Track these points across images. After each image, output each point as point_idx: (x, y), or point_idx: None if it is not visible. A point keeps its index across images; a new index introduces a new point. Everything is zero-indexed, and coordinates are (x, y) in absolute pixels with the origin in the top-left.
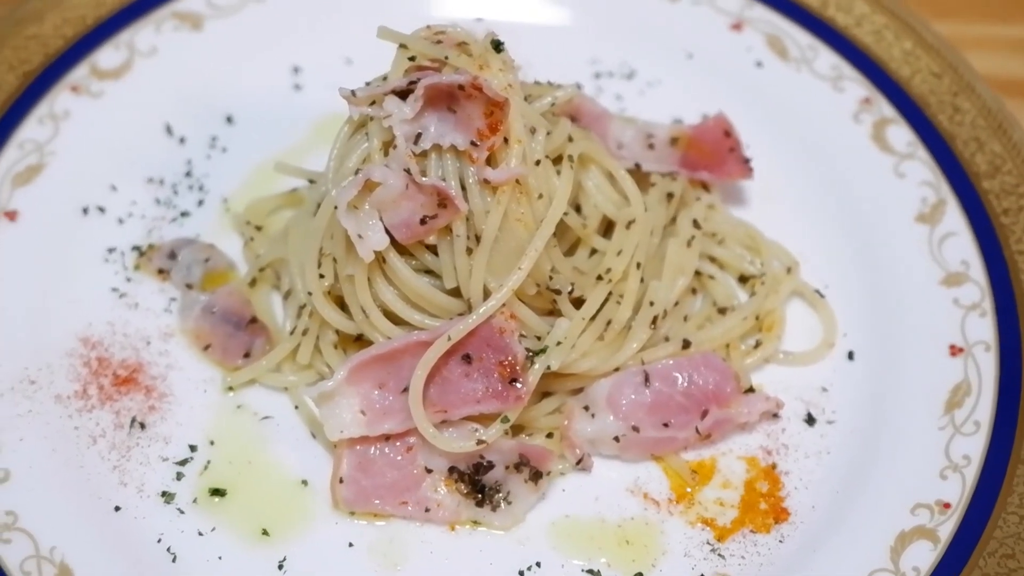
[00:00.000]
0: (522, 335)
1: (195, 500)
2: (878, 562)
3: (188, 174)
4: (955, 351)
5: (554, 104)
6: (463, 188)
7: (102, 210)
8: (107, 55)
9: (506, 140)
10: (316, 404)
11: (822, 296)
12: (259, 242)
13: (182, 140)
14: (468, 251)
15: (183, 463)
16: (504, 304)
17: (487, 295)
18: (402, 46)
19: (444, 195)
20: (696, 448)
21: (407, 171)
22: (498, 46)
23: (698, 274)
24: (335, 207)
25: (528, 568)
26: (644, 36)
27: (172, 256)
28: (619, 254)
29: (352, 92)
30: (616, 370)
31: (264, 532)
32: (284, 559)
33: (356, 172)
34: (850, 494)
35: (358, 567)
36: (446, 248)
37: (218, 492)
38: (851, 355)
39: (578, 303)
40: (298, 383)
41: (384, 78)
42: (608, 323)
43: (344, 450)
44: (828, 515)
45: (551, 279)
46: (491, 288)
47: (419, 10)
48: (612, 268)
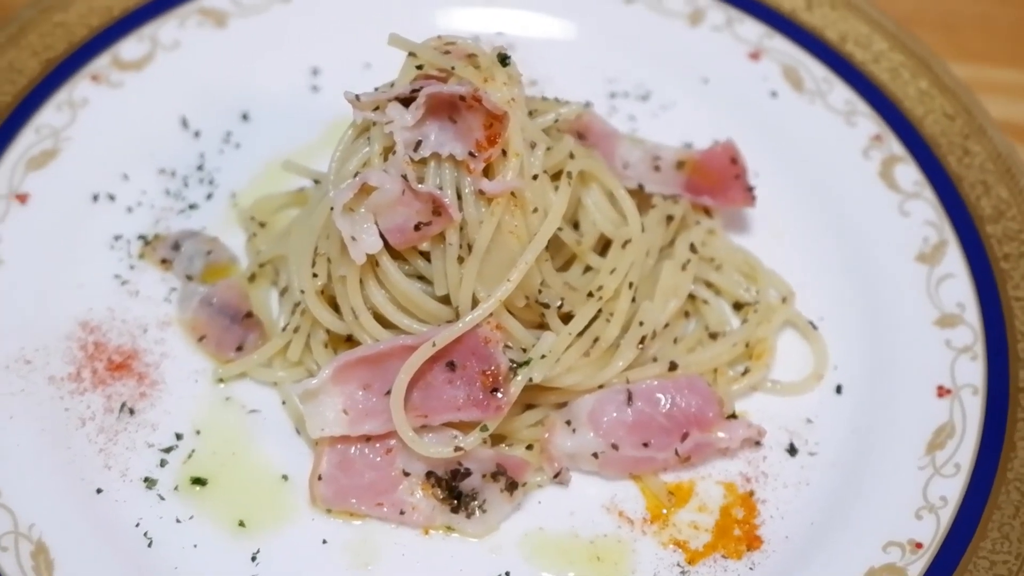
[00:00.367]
0: (507, 346)
1: (176, 488)
2: None
3: (200, 167)
4: (943, 392)
5: (558, 120)
6: (459, 197)
7: (112, 198)
8: (130, 46)
9: (505, 153)
10: (300, 401)
11: (815, 328)
12: (262, 238)
13: (197, 134)
14: (460, 260)
15: (168, 451)
16: (491, 314)
17: (475, 304)
18: (411, 54)
19: (439, 203)
20: (676, 470)
21: (404, 177)
22: (504, 60)
23: (692, 298)
24: (332, 208)
25: None
26: (663, 59)
27: (176, 247)
28: (612, 272)
29: (356, 96)
30: (601, 387)
31: (240, 523)
32: (258, 551)
33: (355, 175)
34: (824, 527)
35: (330, 564)
36: (438, 255)
37: (199, 481)
38: (839, 388)
39: (567, 318)
40: (286, 379)
41: (392, 85)
42: (595, 340)
43: (325, 448)
44: (801, 546)
45: (540, 292)
46: (480, 297)
47: (440, 21)
48: (604, 286)
